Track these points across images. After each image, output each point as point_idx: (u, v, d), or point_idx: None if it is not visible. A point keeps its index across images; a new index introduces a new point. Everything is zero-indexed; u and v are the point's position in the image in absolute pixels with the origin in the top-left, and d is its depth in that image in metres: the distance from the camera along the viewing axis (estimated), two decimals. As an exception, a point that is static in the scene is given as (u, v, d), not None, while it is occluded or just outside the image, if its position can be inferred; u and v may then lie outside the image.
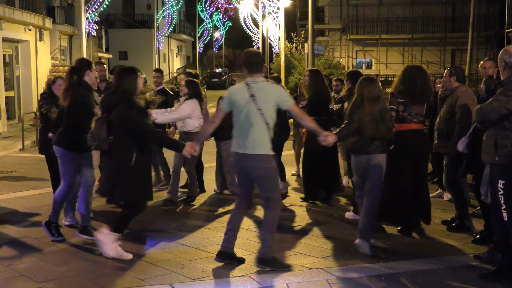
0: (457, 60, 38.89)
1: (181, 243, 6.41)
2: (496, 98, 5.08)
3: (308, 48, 18.84)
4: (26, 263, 5.72)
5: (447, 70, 7.32)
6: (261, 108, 5.38)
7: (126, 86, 5.77)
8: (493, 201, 5.33)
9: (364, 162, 6.21)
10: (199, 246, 6.28)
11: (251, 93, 5.42)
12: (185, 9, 57.93)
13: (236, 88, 5.62)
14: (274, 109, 5.50)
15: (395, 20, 38.72)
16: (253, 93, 5.41)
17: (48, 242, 6.37)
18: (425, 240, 6.63)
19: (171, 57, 53.20)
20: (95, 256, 5.90)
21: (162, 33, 45.06)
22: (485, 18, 37.16)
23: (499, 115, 5.04)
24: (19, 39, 21.46)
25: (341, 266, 5.66)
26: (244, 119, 5.43)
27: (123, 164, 5.66)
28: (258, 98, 5.40)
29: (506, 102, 5.01)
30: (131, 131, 5.65)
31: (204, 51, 63.88)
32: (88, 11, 25.29)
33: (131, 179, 5.67)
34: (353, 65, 39.31)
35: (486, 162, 5.34)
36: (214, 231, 6.95)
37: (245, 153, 5.44)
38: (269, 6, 27.82)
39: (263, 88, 5.48)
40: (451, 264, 5.76)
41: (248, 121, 5.41)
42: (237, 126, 5.54)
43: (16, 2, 20.81)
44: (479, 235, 6.48)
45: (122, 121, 5.65)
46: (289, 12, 40.06)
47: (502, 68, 5.24)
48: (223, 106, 5.58)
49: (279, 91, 5.63)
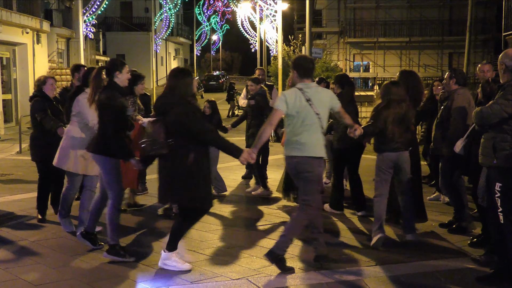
0: (454, 63, 38.89)
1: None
2: (497, 101, 5.10)
3: (305, 51, 18.87)
4: (23, 266, 5.71)
5: (448, 73, 7.33)
6: (319, 113, 5.54)
7: (182, 88, 5.49)
8: (489, 204, 5.34)
9: (393, 159, 6.44)
10: (196, 249, 6.28)
11: (307, 97, 5.54)
12: (183, 12, 57.92)
13: (291, 92, 5.65)
14: (328, 112, 5.71)
15: (393, 23, 38.74)
16: (309, 98, 5.54)
17: (46, 245, 6.36)
18: (423, 242, 6.63)
19: (168, 60, 53.19)
20: (93, 259, 5.89)
21: (159, 36, 45.01)
22: (482, 21, 37.18)
23: (499, 118, 5.05)
24: (17, 42, 21.44)
25: (338, 269, 5.65)
26: (301, 123, 5.54)
27: (184, 168, 5.33)
28: (315, 102, 5.54)
29: (506, 105, 5.02)
30: (190, 132, 5.35)
31: (202, 54, 63.86)
32: (85, 14, 25.31)
33: (192, 183, 5.36)
34: (350, 68, 39.33)
35: (484, 164, 5.36)
36: (211, 233, 6.95)
37: (302, 156, 5.55)
38: (266, 9, 27.83)
39: (318, 92, 5.64)
40: (449, 266, 5.77)
41: (305, 125, 5.53)
42: (292, 129, 5.61)
43: (14, 5, 20.81)
44: (476, 238, 6.49)
45: (182, 123, 5.34)
46: (287, 15, 40.13)
47: (502, 71, 5.24)
48: (281, 107, 5.56)
49: (331, 94, 5.88)
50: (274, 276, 5.41)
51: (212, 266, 5.67)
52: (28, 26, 21.38)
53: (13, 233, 6.90)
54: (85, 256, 5.98)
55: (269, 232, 7.03)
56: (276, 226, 7.31)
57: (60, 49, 27.27)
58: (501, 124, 5.09)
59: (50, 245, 6.36)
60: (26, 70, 21.93)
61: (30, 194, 9.16)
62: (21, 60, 21.96)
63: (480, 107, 5.29)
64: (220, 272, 5.51)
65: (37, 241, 6.54)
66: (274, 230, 7.11)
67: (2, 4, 19.77)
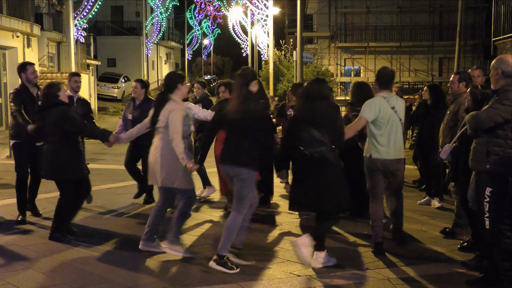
0: (444, 68, 39.14)
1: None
2: (492, 106, 5.09)
3: (296, 55, 18.92)
4: (12, 271, 5.67)
5: (456, 75, 7.24)
6: (401, 118, 6.31)
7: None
8: (478, 208, 5.36)
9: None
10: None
11: (391, 105, 6.25)
12: (174, 16, 57.88)
13: (378, 100, 6.27)
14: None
15: (383, 28, 38.92)
16: (393, 106, 6.25)
17: (35, 250, 6.32)
18: (413, 247, 6.65)
19: (159, 64, 53.09)
20: (83, 264, 5.87)
21: (151, 40, 44.98)
22: (472, 27, 37.46)
23: (494, 123, 5.06)
24: (7, 46, 21.35)
25: (329, 273, 5.66)
26: (389, 128, 6.24)
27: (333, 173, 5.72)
28: (398, 109, 6.28)
29: (503, 110, 5.03)
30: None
31: (193, 58, 63.77)
32: (76, 18, 25.27)
33: (337, 186, 5.71)
34: (341, 72, 39.47)
35: (475, 169, 5.35)
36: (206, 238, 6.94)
37: (390, 159, 6.27)
38: (258, 13, 27.89)
39: (398, 101, 6.38)
40: (438, 271, 5.79)
41: (392, 130, 6.24)
42: (381, 134, 6.24)
43: (4, 9, 20.71)
44: (466, 243, 6.51)
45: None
46: (278, 20, 40.22)
47: (497, 77, 5.19)
48: (368, 116, 6.21)
49: (403, 102, 6.61)
50: (265, 282, 5.41)
51: (204, 270, 5.66)
52: (18, 29, 21.30)
53: (2, 238, 6.85)
54: (75, 261, 5.96)
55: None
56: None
57: (51, 53, 27.18)
58: (495, 129, 5.09)
59: (39, 250, 6.33)
60: (16, 74, 21.82)
61: (19, 199, 9.10)
62: (11, 64, 21.83)
63: (476, 111, 5.28)
64: (212, 277, 5.49)
65: (26, 245, 6.50)
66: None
67: (-8, 8, 19.71)
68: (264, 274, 5.61)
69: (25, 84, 7.70)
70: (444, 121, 7.26)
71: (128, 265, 5.83)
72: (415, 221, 7.85)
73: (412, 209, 8.53)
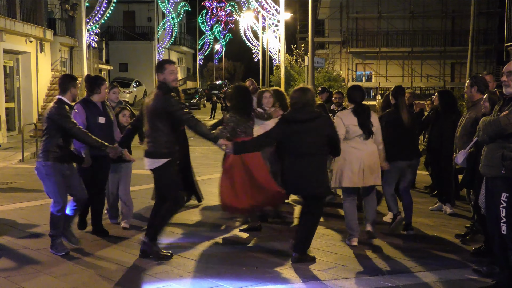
0: (456, 73, 39.00)
1: (183, 256, 6.36)
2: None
3: (308, 60, 18.92)
4: (24, 275, 5.70)
5: (468, 81, 7.16)
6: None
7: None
8: (492, 214, 5.29)
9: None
10: (195, 257, 6.28)
11: None
12: (186, 21, 58.11)
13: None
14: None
15: (395, 33, 38.86)
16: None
17: (48, 254, 6.35)
18: (424, 253, 6.62)
19: (171, 69, 53.29)
20: (94, 268, 5.89)
21: (162, 45, 45.20)
22: (484, 32, 37.30)
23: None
24: (20, 51, 21.51)
25: (336, 278, 5.64)
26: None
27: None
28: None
29: None
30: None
31: (205, 63, 63.93)
32: (89, 23, 25.43)
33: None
34: (353, 77, 39.42)
35: (489, 174, 5.27)
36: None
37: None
38: (269, 19, 27.90)
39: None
40: (450, 277, 5.75)
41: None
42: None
43: (17, 14, 20.87)
44: (478, 249, 6.47)
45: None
46: (289, 25, 40.24)
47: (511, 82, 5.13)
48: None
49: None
50: (271, 285, 5.41)
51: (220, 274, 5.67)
52: (31, 35, 21.46)
53: (15, 242, 6.89)
54: (87, 265, 5.98)
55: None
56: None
57: (63, 57, 27.34)
58: (511, 134, 5.04)
59: (51, 254, 6.35)
60: (29, 78, 21.98)
61: (31, 203, 9.17)
62: (24, 68, 22.02)
63: (491, 117, 5.21)
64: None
65: (38, 249, 6.53)
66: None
67: (6, 13, 19.83)
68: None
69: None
70: (459, 127, 7.13)
71: (142, 270, 5.84)
72: (427, 227, 7.81)
73: (424, 215, 8.49)
